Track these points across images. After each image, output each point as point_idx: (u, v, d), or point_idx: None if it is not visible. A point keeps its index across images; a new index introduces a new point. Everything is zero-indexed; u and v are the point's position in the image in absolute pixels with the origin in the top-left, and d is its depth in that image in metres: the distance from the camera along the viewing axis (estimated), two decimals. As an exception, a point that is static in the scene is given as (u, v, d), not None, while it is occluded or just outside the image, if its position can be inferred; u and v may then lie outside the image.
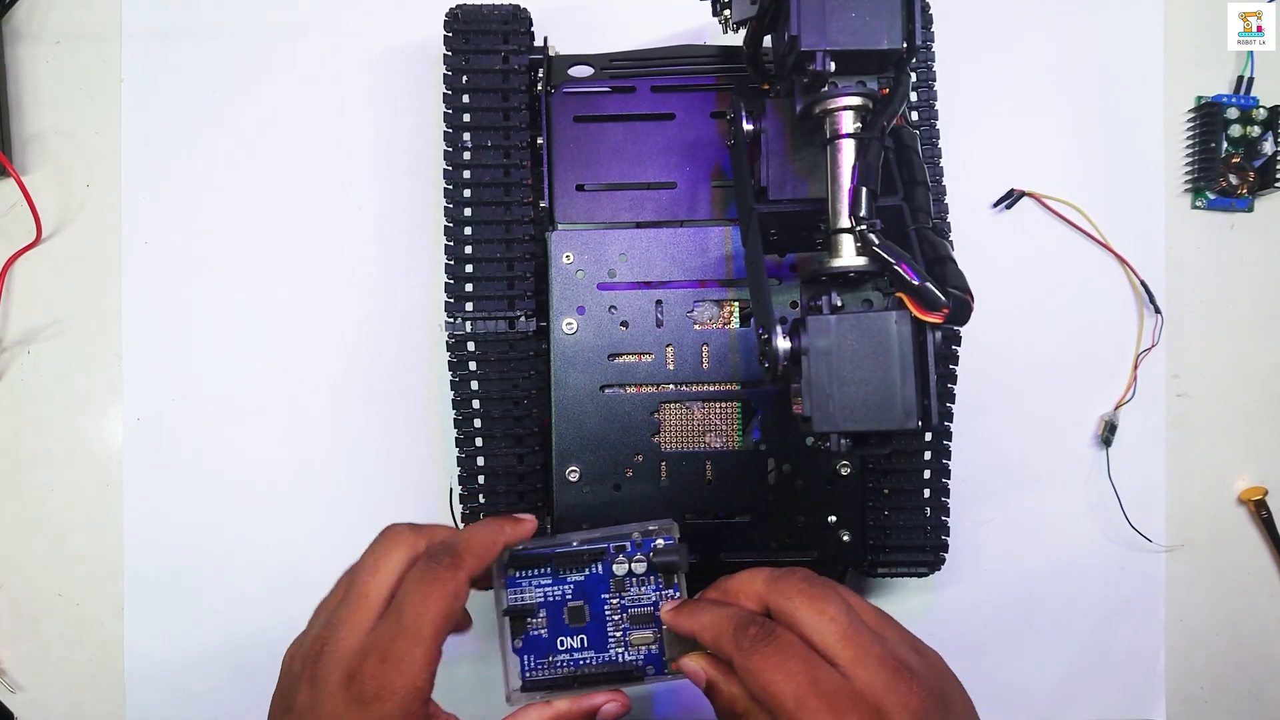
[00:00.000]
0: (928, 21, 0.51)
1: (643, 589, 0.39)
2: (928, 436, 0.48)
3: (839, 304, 0.36)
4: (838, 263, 0.35)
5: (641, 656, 0.39)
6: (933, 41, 0.52)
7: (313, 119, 0.56)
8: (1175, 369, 0.57)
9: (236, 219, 0.55)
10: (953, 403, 0.48)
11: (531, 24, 0.48)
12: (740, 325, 0.46)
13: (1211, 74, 0.58)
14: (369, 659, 0.34)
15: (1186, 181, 0.57)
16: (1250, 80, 0.57)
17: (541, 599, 0.39)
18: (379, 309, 0.55)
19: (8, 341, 0.55)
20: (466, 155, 0.47)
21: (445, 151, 0.47)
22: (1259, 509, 0.56)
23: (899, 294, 0.33)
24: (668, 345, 0.46)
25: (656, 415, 0.46)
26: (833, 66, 0.34)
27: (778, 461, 0.46)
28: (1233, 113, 0.56)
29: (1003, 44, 0.57)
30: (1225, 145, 0.56)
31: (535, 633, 0.39)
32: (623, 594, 0.39)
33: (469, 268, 0.47)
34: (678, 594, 0.40)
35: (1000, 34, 0.57)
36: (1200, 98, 0.57)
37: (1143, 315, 0.56)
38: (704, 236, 0.46)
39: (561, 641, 0.39)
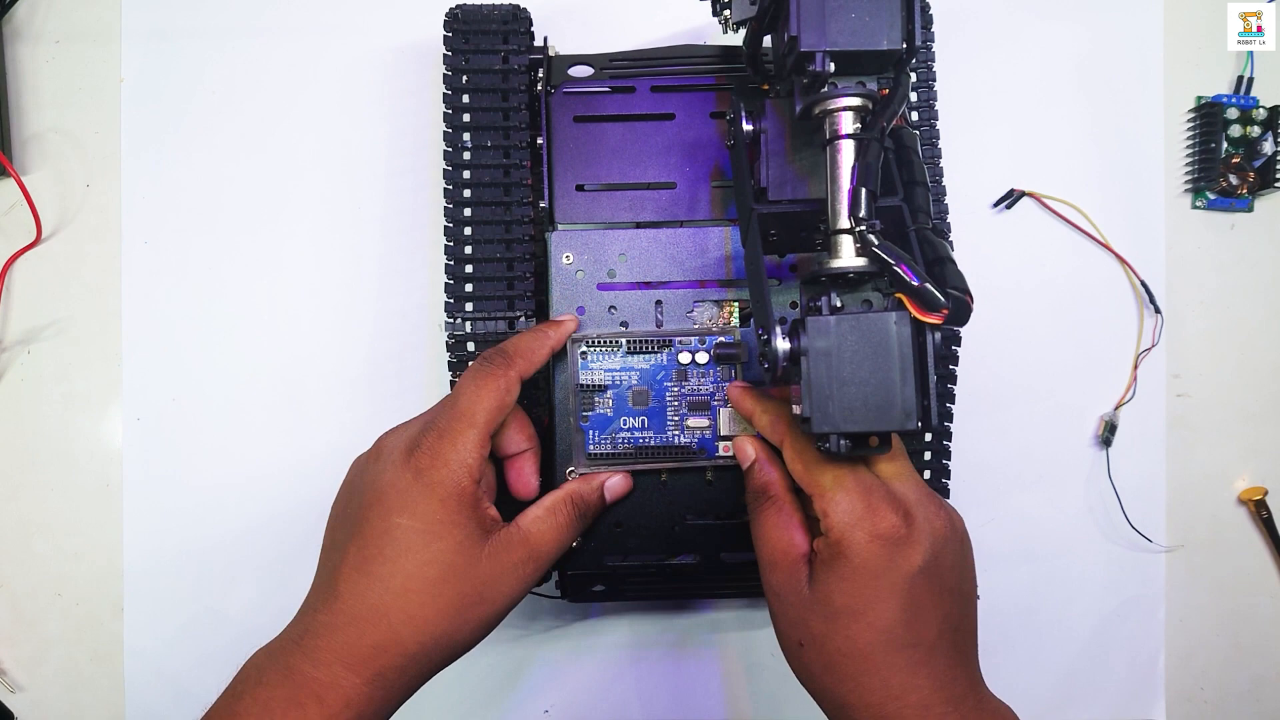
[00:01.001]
0: (928, 21, 0.51)
1: (702, 380, 0.43)
2: (927, 437, 0.48)
3: (839, 305, 0.35)
4: (837, 263, 0.35)
5: (695, 440, 0.44)
6: (933, 41, 0.51)
7: (312, 119, 0.56)
8: (1175, 369, 0.57)
9: (236, 219, 0.55)
10: (953, 403, 0.48)
11: (531, 24, 0.48)
12: (740, 325, 0.46)
13: (1211, 74, 0.58)
14: (428, 434, 0.38)
15: (1186, 181, 0.57)
16: (1250, 80, 0.57)
17: (610, 381, 0.43)
18: (379, 309, 0.55)
19: (8, 341, 0.55)
20: (466, 155, 0.47)
21: (445, 151, 0.47)
22: (1259, 509, 0.56)
23: (899, 295, 0.33)
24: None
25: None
26: (832, 67, 0.34)
27: (778, 461, 0.46)
28: (1233, 113, 0.56)
29: (1003, 44, 0.57)
30: (1225, 145, 0.56)
31: (600, 411, 0.43)
32: (684, 382, 0.43)
33: (469, 268, 0.47)
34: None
35: (1000, 34, 0.57)
36: (1200, 98, 0.57)
37: (1143, 315, 0.56)
38: (704, 237, 0.46)
39: (624, 421, 0.43)
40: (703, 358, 0.43)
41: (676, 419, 0.43)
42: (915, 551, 0.35)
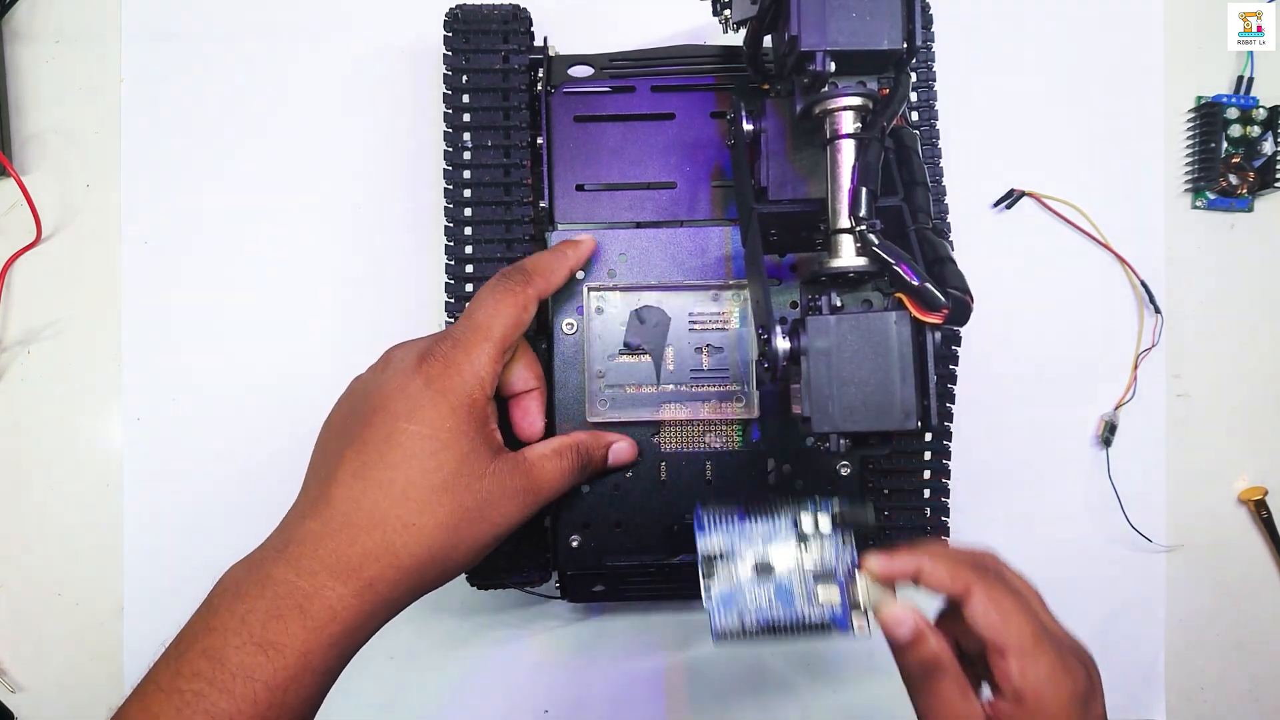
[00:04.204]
0: (928, 21, 0.51)
1: (825, 548, 0.40)
2: (927, 437, 0.48)
3: (839, 304, 0.35)
4: (837, 263, 0.35)
5: (827, 613, 0.39)
6: (933, 41, 0.51)
7: (313, 119, 0.56)
8: (1175, 369, 0.57)
9: (236, 219, 0.55)
10: (953, 403, 0.48)
11: (531, 24, 0.49)
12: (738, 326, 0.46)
13: (1211, 74, 0.58)
14: (441, 343, 0.38)
15: (1186, 181, 0.57)
16: (1250, 80, 0.57)
17: (729, 548, 0.40)
18: (379, 309, 0.55)
19: (8, 341, 0.55)
20: (466, 155, 0.47)
21: (445, 151, 0.47)
22: (1259, 509, 0.56)
23: (899, 294, 0.33)
24: (668, 345, 0.46)
25: (658, 414, 0.46)
26: (833, 67, 0.34)
27: (778, 461, 0.46)
28: (1233, 113, 0.56)
29: (1003, 44, 0.57)
30: (1225, 145, 0.56)
31: (725, 586, 0.40)
32: (805, 551, 0.40)
33: (469, 268, 0.47)
34: (855, 551, 0.40)
35: (1000, 34, 0.57)
36: (1200, 98, 0.57)
37: (1143, 315, 0.56)
38: (704, 236, 0.46)
39: (751, 595, 0.40)
40: (825, 523, 0.40)
41: (804, 591, 0.39)
42: (1097, 704, 0.35)
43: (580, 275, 0.44)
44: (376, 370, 0.39)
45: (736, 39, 0.43)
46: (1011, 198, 0.56)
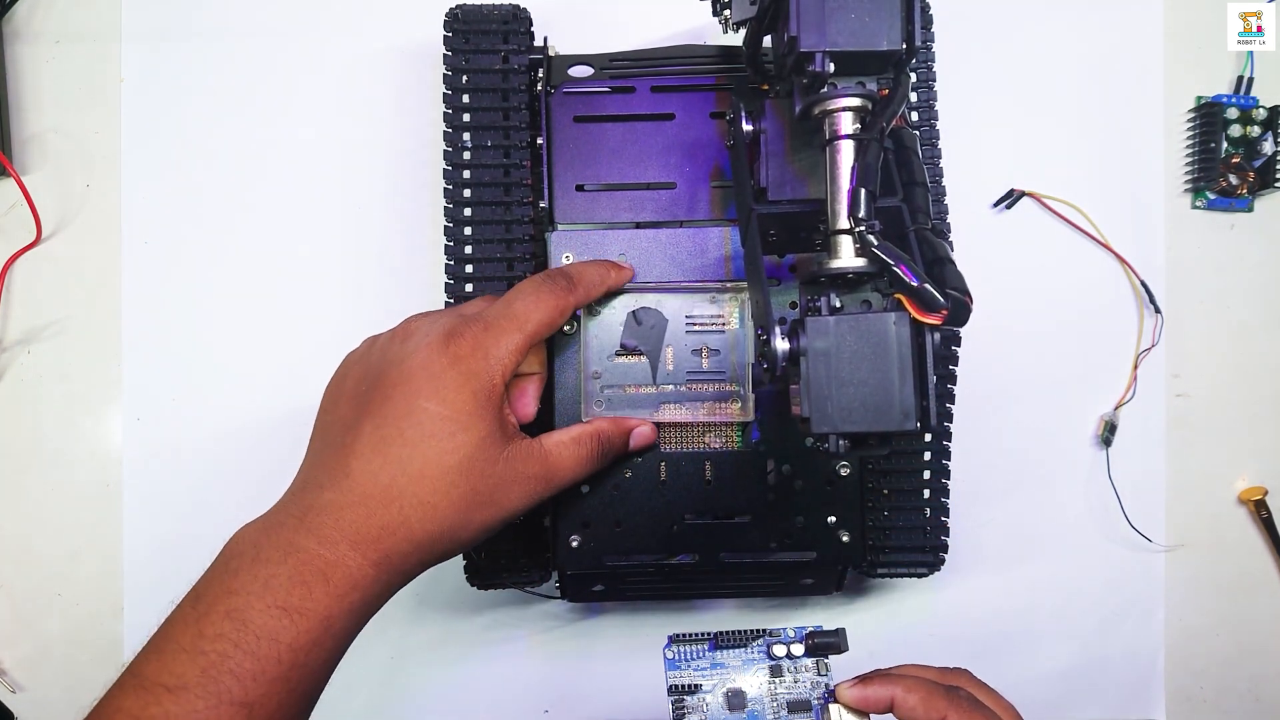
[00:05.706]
0: (928, 22, 0.51)
1: (799, 675, 0.39)
2: (927, 437, 0.48)
3: (838, 305, 0.35)
4: (837, 264, 0.35)
5: None
6: (933, 41, 0.51)
7: (313, 119, 0.56)
8: (1175, 369, 0.57)
9: (236, 219, 0.55)
10: (952, 403, 0.48)
11: (531, 24, 0.49)
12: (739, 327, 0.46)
13: (1211, 74, 0.58)
14: (473, 324, 0.38)
15: (1186, 181, 0.57)
16: (1250, 80, 0.57)
17: (701, 681, 0.39)
18: (379, 309, 0.55)
19: (8, 341, 0.55)
20: (466, 155, 0.47)
21: (445, 151, 0.47)
22: (1259, 509, 0.56)
23: (898, 295, 0.33)
24: (667, 346, 0.46)
25: (656, 415, 0.46)
26: (832, 67, 0.34)
27: (777, 462, 0.46)
28: (1233, 113, 0.56)
29: (1003, 44, 0.57)
30: (1225, 145, 0.56)
31: (695, 715, 0.39)
32: (779, 679, 0.39)
33: (469, 268, 0.47)
34: (832, 679, 0.39)
35: (1000, 34, 0.57)
36: (1200, 98, 0.57)
37: (1143, 315, 0.56)
38: (704, 237, 0.46)
39: None
40: (798, 649, 0.39)
41: None
42: None
43: None
44: (397, 340, 0.39)
45: (736, 39, 0.44)
46: (1011, 198, 0.56)
